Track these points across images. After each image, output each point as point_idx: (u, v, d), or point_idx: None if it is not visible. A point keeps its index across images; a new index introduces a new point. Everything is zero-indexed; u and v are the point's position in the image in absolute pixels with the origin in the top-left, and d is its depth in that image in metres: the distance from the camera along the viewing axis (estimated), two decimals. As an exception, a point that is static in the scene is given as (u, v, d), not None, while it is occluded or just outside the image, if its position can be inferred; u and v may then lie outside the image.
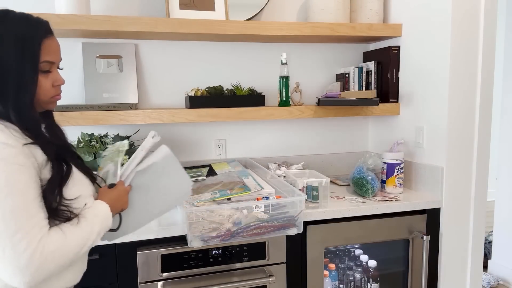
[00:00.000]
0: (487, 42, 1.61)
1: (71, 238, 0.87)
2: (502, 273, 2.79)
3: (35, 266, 0.79)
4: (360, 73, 1.97)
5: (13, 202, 0.79)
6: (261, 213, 1.36)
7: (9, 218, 0.78)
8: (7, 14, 0.89)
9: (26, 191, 0.81)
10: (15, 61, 0.86)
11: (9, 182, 0.79)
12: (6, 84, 0.86)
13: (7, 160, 0.80)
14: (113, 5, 1.79)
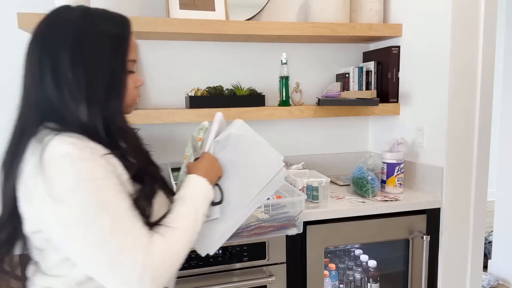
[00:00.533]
0: (487, 42, 1.61)
1: (174, 239, 0.77)
2: (502, 273, 2.79)
3: (149, 282, 0.71)
4: (360, 73, 1.97)
5: (108, 220, 0.70)
6: (261, 213, 1.36)
7: (109, 239, 0.69)
8: (88, 10, 0.80)
9: (117, 205, 0.72)
10: (106, 61, 0.79)
11: (98, 200, 0.70)
12: (96, 86, 0.77)
13: (86, 176, 0.70)
14: (113, 5, 1.79)
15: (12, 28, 1.69)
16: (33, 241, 0.78)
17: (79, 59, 0.75)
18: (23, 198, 0.73)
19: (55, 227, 0.71)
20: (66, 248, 0.72)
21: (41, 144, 0.71)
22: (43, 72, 0.75)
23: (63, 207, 0.68)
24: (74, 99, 0.75)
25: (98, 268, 0.71)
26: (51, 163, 0.69)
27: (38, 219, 0.73)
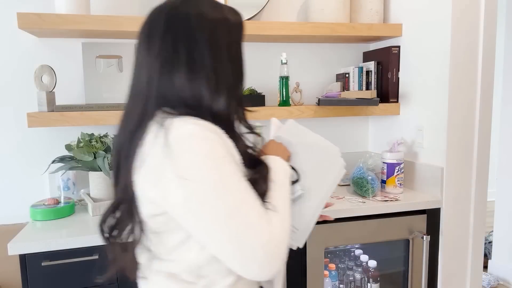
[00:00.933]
0: (487, 42, 1.61)
1: (283, 212, 0.77)
2: (502, 273, 2.79)
3: (276, 256, 0.70)
4: (360, 73, 1.97)
5: (232, 197, 0.69)
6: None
7: (235, 216, 0.68)
8: (217, 2, 0.81)
9: (239, 183, 0.71)
10: (234, 49, 0.80)
11: (222, 178, 0.69)
12: (230, 74, 0.79)
13: (211, 154, 0.70)
14: (113, 5, 1.79)
15: (12, 28, 1.69)
16: (151, 225, 0.77)
17: (213, 47, 0.77)
18: (144, 181, 0.73)
19: (181, 206, 0.70)
20: (191, 227, 0.72)
21: (163, 127, 0.71)
22: (176, 61, 0.76)
23: (190, 184, 0.68)
24: (210, 88, 0.76)
25: (224, 245, 0.70)
26: (177, 143, 0.69)
27: (161, 201, 0.72)
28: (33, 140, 1.76)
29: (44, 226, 1.43)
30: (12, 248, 1.27)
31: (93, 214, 1.53)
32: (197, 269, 0.77)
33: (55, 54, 1.75)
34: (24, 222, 1.75)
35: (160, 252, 0.78)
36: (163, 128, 0.71)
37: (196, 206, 0.69)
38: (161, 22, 0.77)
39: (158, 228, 0.76)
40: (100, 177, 1.58)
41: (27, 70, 1.72)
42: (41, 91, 1.58)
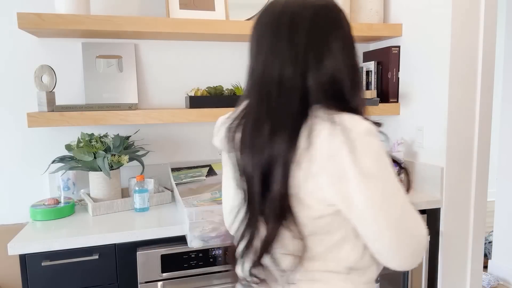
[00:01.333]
0: (487, 42, 1.61)
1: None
2: (502, 273, 2.79)
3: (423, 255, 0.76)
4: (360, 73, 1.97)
5: (402, 194, 0.71)
6: (261, 213, 1.36)
7: (407, 211, 0.71)
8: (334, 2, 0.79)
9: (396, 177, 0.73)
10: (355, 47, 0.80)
11: (394, 174, 0.71)
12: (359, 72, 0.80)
13: (384, 151, 0.70)
14: (113, 5, 1.79)
15: (12, 28, 1.69)
16: (310, 228, 0.73)
17: (349, 44, 0.77)
18: (315, 182, 0.69)
19: (363, 203, 0.68)
20: (364, 223, 0.71)
21: (336, 124, 0.68)
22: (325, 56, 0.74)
23: (374, 182, 0.68)
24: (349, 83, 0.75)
25: (394, 238, 0.70)
26: (359, 141, 0.67)
27: (337, 199, 0.70)
28: (33, 140, 1.76)
29: (44, 226, 1.43)
30: (12, 248, 1.27)
31: (93, 214, 1.53)
32: (351, 264, 0.77)
33: (55, 54, 1.75)
34: (24, 222, 1.76)
35: (316, 252, 0.75)
36: (337, 125, 0.68)
37: (380, 202, 0.68)
38: (306, 16, 0.73)
39: (321, 228, 0.73)
40: (100, 177, 1.58)
41: (27, 70, 1.72)
42: (41, 91, 1.58)
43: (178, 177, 1.69)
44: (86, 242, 1.32)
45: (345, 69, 0.74)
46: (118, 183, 1.64)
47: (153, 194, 1.66)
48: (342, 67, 0.74)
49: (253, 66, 0.77)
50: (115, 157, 1.58)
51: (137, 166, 1.84)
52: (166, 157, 1.92)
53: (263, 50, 0.75)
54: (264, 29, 0.76)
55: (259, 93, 0.75)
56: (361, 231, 0.73)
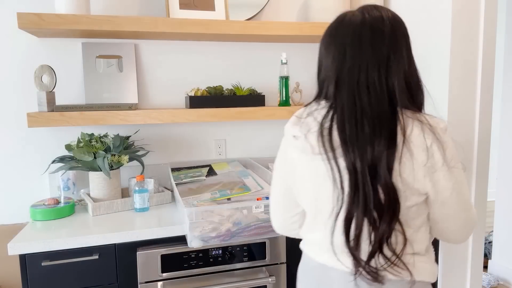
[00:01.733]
0: (487, 42, 1.61)
1: None
2: (502, 273, 2.79)
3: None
4: (360, 73, 1.97)
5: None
6: (261, 213, 1.36)
7: (469, 196, 0.88)
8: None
9: None
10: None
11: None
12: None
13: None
14: (113, 5, 1.79)
15: (12, 28, 1.69)
16: (407, 215, 0.84)
17: (412, 55, 0.89)
18: (414, 174, 0.81)
19: (450, 188, 0.83)
20: (444, 207, 0.85)
21: (423, 123, 0.82)
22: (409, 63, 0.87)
23: (455, 171, 0.83)
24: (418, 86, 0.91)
25: (465, 216, 0.88)
26: (444, 137, 0.82)
27: (429, 188, 0.83)
28: (33, 140, 1.76)
29: (44, 226, 1.43)
30: (12, 248, 1.27)
31: (93, 214, 1.53)
32: (426, 244, 0.90)
33: (55, 54, 1.75)
34: (24, 222, 1.76)
35: (409, 236, 0.85)
36: (425, 126, 0.82)
37: (459, 188, 0.84)
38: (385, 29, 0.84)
39: (410, 216, 0.85)
40: (100, 177, 1.58)
41: (27, 70, 1.72)
42: (41, 91, 1.58)
43: (178, 177, 1.69)
44: (86, 242, 1.32)
45: (413, 74, 0.88)
46: (118, 183, 1.64)
47: (153, 194, 1.66)
48: (412, 72, 0.87)
49: (337, 71, 0.85)
50: (115, 157, 1.58)
51: (137, 166, 1.84)
52: (166, 157, 1.93)
53: (347, 57, 0.84)
54: (346, 39, 0.85)
55: (350, 96, 0.83)
56: (438, 214, 0.87)
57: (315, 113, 0.88)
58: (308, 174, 0.89)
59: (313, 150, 0.85)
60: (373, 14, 0.85)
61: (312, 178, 0.89)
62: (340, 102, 0.84)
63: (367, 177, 0.79)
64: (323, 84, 0.89)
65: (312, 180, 0.89)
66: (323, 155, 0.84)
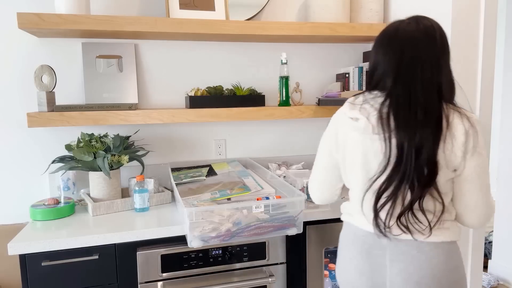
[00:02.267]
0: (487, 42, 1.61)
1: None
2: (502, 273, 2.79)
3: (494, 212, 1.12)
4: (360, 73, 1.97)
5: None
6: (261, 213, 1.36)
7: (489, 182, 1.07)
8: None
9: None
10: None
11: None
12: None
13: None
14: (113, 5, 1.80)
15: (12, 28, 1.69)
16: (442, 188, 1.03)
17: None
18: (452, 154, 1.00)
19: (473, 169, 1.02)
20: (468, 185, 1.04)
21: (462, 115, 1.02)
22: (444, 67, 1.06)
23: (481, 157, 1.02)
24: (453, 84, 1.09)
25: (484, 198, 1.05)
26: (477, 127, 1.02)
27: (461, 166, 1.02)
28: (33, 140, 1.76)
29: (44, 226, 1.43)
30: (12, 248, 1.27)
31: (93, 214, 1.53)
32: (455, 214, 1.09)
33: (55, 54, 1.75)
34: (24, 222, 1.76)
35: (445, 207, 1.04)
36: (463, 116, 1.02)
37: (482, 169, 1.03)
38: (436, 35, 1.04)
39: (447, 188, 1.04)
40: (100, 177, 1.58)
41: (27, 70, 1.72)
42: (41, 91, 1.58)
43: (178, 177, 1.69)
44: (86, 242, 1.32)
45: (451, 74, 1.08)
46: (118, 183, 1.64)
47: (153, 194, 1.66)
48: (451, 72, 1.08)
49: (396, 68, 1.03)
50: (115, 157, 1.58)
51: (137, 166, 1.84)
52: (166, 157, 1.93)
53: (405, 57, 1.02)
54: (404, 42, 1.03)
55: (405, 88, 1.01)
56: (460, 188, 1.05)
57: (372, 101, 1.06)
58: (361, 149, 1.06)
59: (373, 130, 1.03)
60: (425, 23, 1.04)
61: (365, 153, 1.06)
62: (396, 92, 1.02)
63: (411, 155, 0.98)
64: (380, 78, 1.06)
65: (365, 154, 1.06)
66: (380, 134, 1.02)
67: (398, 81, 1.02)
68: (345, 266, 1.14)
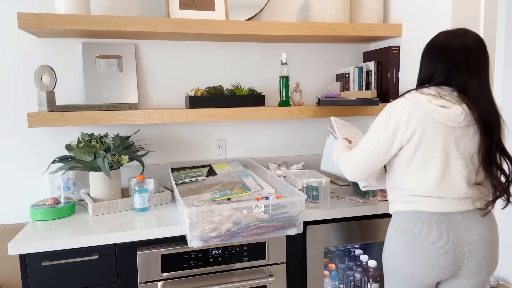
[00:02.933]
0: (487, 42, 1.60)
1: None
2: (502, 273, 2.79)
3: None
4: (360, 73, 1.97)
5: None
6: (261, 213, 1.36)
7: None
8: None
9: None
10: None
11: None
12: None
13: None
14: (113, 5, 1.80)
15: (12, 28, 1.69)
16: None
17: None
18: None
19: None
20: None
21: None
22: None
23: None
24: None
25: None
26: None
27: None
28: (33, 140, 1.76)
29: (44, 226, 1.43)
30: (12, 248, 1.27)
31: (93, 214, 1.53)
32: None
33: (55, 54, 1.75)
34: (24, 222, 1.76)
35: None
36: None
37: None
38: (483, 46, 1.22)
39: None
40: (100, 177, 1.58)
41: (27, 70, 1.72)
42: (41, 91, 1.58)
43: (178, 177, 1.69)
44: (86, 242, 1.32)
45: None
46: (118, 183, 1.64)
47: (153, 194, 1.66)
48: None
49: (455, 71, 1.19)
50: (115, 157, 1.58)
51: (137, 166, 1.84)
52: (166, 157, 1.93)
53: (459, 65, 1.18)
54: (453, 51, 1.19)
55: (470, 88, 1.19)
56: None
57: (447, 96, 1.18)
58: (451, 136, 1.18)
59: (466, 117, 1.17)
60: (473, 34, 1.21)
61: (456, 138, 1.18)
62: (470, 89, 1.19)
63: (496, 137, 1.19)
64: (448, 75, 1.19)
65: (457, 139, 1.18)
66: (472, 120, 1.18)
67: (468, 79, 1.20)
68: (426, 254, 1.17)
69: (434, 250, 1.17)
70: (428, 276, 1.19)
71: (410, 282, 1.22)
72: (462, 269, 1.19)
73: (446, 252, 1.17)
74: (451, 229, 1.18)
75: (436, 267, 1.17)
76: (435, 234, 1.17)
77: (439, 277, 1.19)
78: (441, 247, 1.17)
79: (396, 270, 1.23)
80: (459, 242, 1.18)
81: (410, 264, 1.19)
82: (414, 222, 1.20)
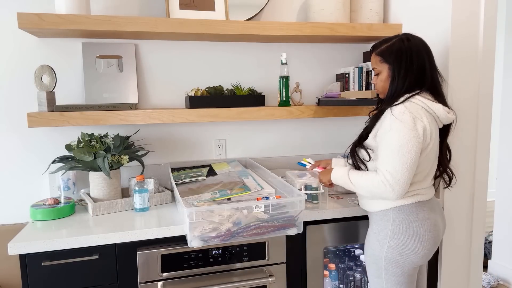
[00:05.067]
0: (487, 42, 1.61)
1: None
2: (502, 273, 2.79)
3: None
4: (360, 73, 1.97)
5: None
6: (261, 213, 1.36)
7: None
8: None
9: None
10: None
11: None
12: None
13: None
14: (113, 5, 1.79)
15: (12, 28, 1.69)
16: None
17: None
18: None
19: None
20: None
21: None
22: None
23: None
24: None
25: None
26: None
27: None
28: (33, 140, 1.76)
29: (44, 226, 1.43)
30: (12, 248, 1.27)
31: (93, 214, 1.53)
32: None
33: (55, 54, 1.75)
34: (24, 222, 1.76)
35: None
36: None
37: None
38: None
39: None
40: (100, 177, 1.58)
41: (27, 70, 1.72)
42: (41, 91, 1.58)
43: (178, 177, 1.69)
44: (86, 242, 1.32)
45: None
46: (118, 183, 1.64)
47: (153, 194, 1.66)
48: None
49: (426, 72, 1.33)
50: (115, 157, 1.58)
51: (137, 166, 1.84)
52: (166, 157, 1.93)
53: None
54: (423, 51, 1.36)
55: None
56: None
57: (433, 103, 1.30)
58: (437, 140, 1.34)
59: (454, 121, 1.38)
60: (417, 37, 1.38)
61: (437, 144, 1.34)
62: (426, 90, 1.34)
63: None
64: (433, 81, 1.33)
65: (437, 144, 1.34)
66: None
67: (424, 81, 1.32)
68: (433, 234, 1.31)
69: (436, 229, 1.32)
70: (431, 254, 1.34)
71: (411, 269, 1.33)
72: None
73: (443, 227, 1.38)
74: (436, 209, 1.37)
75: (438, 243, 1.35)
76: (433, 216, 1.33)
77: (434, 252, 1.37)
78: (439, 225, 1.35)
79: (405, 261, 1.30)
80: (443, 219, 1.40)
81: (422, 247, 1.30)
82: (419, 210, 1.31)
